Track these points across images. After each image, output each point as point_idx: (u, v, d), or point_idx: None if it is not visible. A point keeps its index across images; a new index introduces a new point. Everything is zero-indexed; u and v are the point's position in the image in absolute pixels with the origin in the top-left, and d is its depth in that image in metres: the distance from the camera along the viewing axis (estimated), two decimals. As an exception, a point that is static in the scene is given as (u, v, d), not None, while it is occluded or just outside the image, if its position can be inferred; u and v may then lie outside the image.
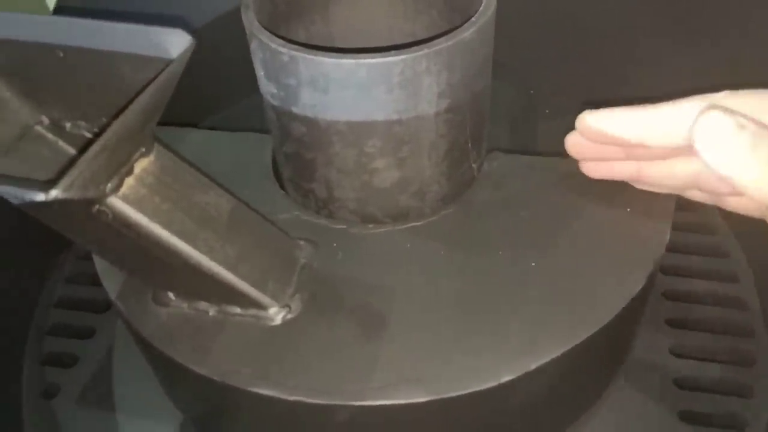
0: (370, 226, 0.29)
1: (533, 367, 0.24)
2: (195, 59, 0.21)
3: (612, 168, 0.28)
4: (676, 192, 0.28)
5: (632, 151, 0.27)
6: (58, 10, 0.42)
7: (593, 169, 0.29)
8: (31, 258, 0.39)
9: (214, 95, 0.39)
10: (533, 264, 0.27)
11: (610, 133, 0.25)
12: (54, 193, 0.16)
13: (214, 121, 0.38)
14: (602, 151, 0.27)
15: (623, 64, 0.41)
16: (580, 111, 0.26)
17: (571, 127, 0.27)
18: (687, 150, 0.25)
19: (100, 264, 0.28)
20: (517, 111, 0.37)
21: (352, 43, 0.33)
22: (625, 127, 0.25)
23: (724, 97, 0.23)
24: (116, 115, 0.19)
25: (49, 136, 0.24)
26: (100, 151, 0.18)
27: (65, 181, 0.16)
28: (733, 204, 0.27)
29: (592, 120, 0.26)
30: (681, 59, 0.39)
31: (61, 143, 0.24)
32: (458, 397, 0.23)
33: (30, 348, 0.37)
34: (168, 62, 0.20)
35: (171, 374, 0.28)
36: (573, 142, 0.28)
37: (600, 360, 0.29)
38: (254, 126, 0.33)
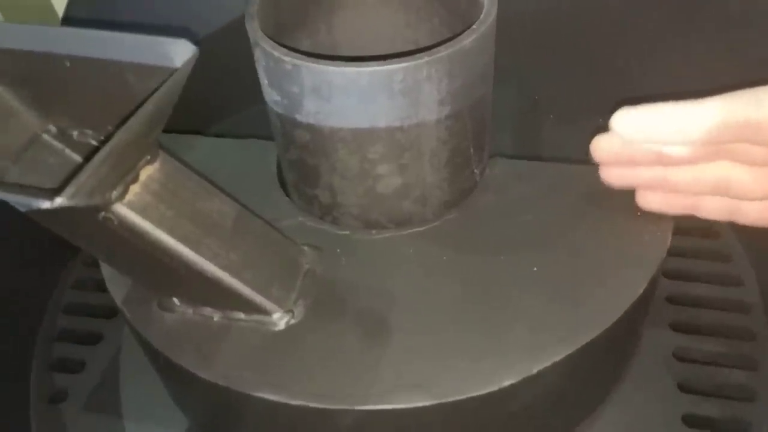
0: (374, 231, 0.29)
1: (535, 371, 0.24)
2: (202, 68, 0.21)
3: (637, 175, 0.27)
4: (689, 209, 0.27)
5: (663, 153, 0.26)
6: (66, 21, 0.42)
7: (617, 177, 0.27)
8: (39, 265, 0.40)
9: (220, 103, 0.39)
10: (535, 268, 0.27)
11: (652, 130, 0.24)
12: (59, 201, 0.16)
13: (221, 128, 0.38)
14: (633, 154, 0.26)
15: (629, 69, 0.41)
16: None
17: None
18: (724, 152, 0.25)
19: (106, 270, 0.29)
20: (521, 116, 0.37)
21: (356, 52, 0.33)
22: (667, 124, 0.24)
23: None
24: (122, 123, 0.19)
25: (57, 144, 0.24)
26: (105, 158, 0.18)
27: (70, 189, 0.17)
28: (752, 215, 0.26)
29: (631, 117, 0.25)
30: (688, 63, 0.39)
31: (68, 151, 0.24)
32: (460, 401, 0.23)
33: (38, 353, 0.38)
34: (172, 71, 0.20)
35: (176, 379, 0.28)
36: (603, 146, 0.26)
37: (603, 364, 0.29)
38: (260, 133, 0.34)
